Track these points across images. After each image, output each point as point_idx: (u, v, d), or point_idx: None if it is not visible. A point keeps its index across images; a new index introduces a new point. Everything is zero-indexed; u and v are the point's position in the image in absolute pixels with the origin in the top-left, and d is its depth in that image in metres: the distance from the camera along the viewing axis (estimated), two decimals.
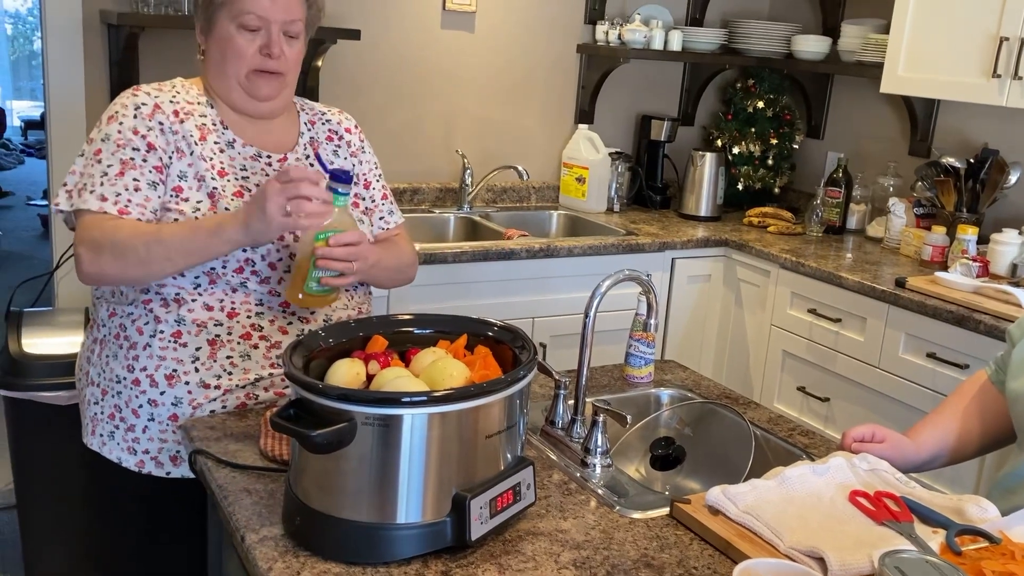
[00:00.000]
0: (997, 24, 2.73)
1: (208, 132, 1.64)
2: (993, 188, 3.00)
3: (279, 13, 1.61)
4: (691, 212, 3.57)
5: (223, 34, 1.62)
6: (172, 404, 1.60)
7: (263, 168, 1.67)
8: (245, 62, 1.62)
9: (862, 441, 1.49)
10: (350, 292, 1.74)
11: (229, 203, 1.59)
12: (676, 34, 3.52)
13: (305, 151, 1.75)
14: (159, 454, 1.64)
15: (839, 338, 2.89)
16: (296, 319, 1.65)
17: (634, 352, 1.84)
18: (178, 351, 1.59)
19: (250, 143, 1.67)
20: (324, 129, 1.80)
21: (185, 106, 1.64)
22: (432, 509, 1.16)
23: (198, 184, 1.59)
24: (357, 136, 1.85)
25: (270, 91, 1.66)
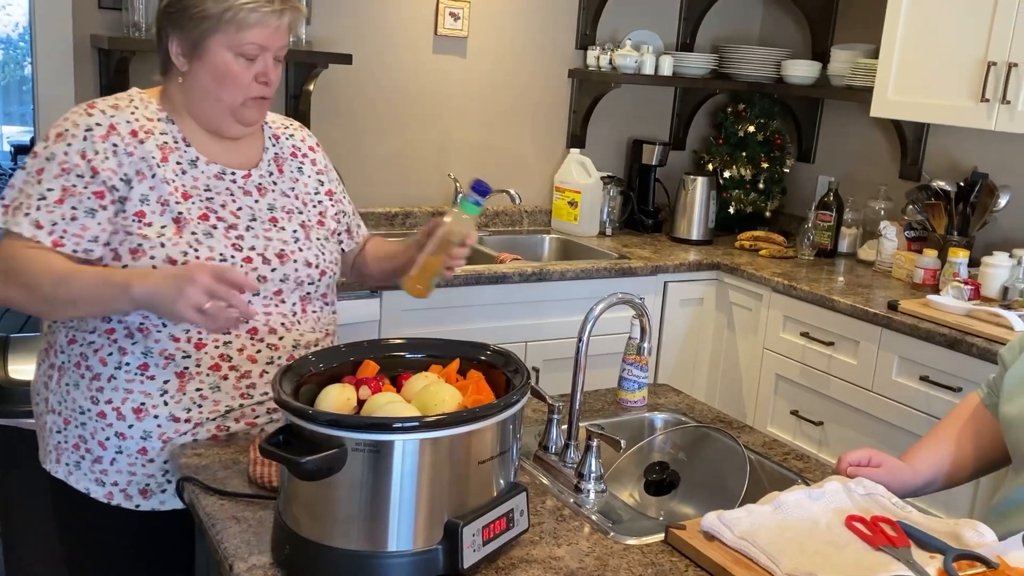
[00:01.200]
0: (985, 49, 2.76)
1: (169, 151, 1.57)
2: (983, 211, 3.01)
3: (276, 41, 1.59)
4: (683, 236, 3.58)
5: (217, 61, 1.55)
6: (141, 438, 1.55)
7: (228, 187, 1.62)
8: (242, 90, 1.58)
9: (858, 465, 1.48)
10: (316, 314, 1.70)
11: (196, 227, 1.54)
12: (667, 59, 3.53)
13: (269, 167, 1.70)
14: (128, 486, 1.58)
15: (832, 361, 2.88)
16: (265, 347, 1.60)
17: (627, 376, 1.83)
18: (145, 384, 1.54)
19: (214, 160, 1.62)
20: (288, 145, 1.76)
21: (145, 123, 1.57)
22: (424, 537, 1.14)
23: (161, 208, 1.53)
24: (321, 154, 1.82)
25: (259, 116, 1.64)
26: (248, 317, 1.41)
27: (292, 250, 1.64)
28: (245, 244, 1.58)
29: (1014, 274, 2.77)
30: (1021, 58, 2.66)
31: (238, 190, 1.63)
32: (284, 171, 1.72)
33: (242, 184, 1.64)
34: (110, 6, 2.80)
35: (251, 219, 1.62)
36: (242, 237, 1.59)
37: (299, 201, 1.71)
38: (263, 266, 1.60)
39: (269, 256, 1.61)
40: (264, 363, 1.60)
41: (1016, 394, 1.40)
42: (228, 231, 1.58)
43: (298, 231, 1.67)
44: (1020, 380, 1.41)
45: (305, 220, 1.70)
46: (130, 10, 2.73)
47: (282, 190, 1.69)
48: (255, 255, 1.59)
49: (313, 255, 1.67)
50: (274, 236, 1.63)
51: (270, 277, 1.60)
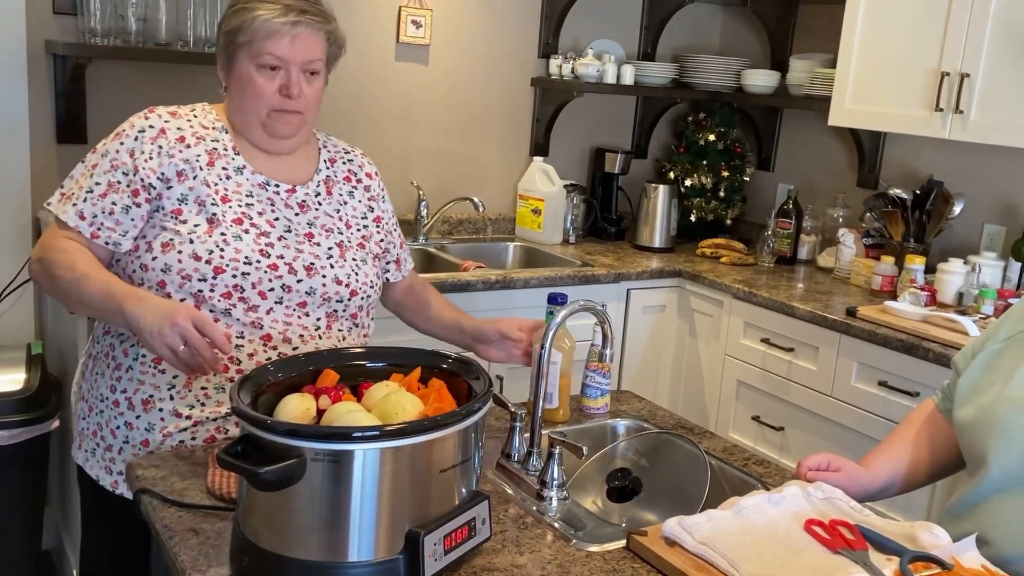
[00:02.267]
0: (938, 59, 2.81)
1: (217, 157, 1.64)
2: (939, 219, 3.07)
3: (299, 54, 1.61)
4: (645, 243, 3.60)
5: (242, 73, 1.62)
6: (145, 429, 1.60)
7: (270, 197, 1.66)
8: (264, 102, 1.62)
9: (817, 470, 1.49)
10: (342, 332, 1.71)
11: (227, 228, 1.59)
12: (628, 68, 3.56)
13: (318, 188, 1.73)
14: None
15: (792, 367, 2.92)
16: (277, 355, 1.62)
17: (590, 383, 1.84)
18: (156, 377, 1.59)
19: (260, 171, 1.68)
20: (344, 169, 1.80)
21: (200, 130, 1.65)
22: (384, 547, 1.13)
23: (198, 208, 1.60)
24: (377, 182, 1.86)
25: (289, 130, 1.66)
26: (214, 371, 1.45)
27: (323, 265, 1.66)
28: (274, 252, 1.62)
29: (969, 280, 2.82)
30: (973, 69, 2.72)
31: (280, 202, 1.67)
32: (333, 193, 1.75)
33: (284, 198, 1.68)
34: (65, 11, 2.76)
35: (286, 230, 1.65)
36: (272, 245, 1.62)
37: (342, 223, 1.74)
38: (288, 275, 1.62)
39: (297, 267, 1.63)
40: None
41: (969, 399, 1.42)
42: (259, 237, 1.61)
43: (333, 249, 1.69)
44: (973, 385, 1.43)
45: (344, 240, 1.72)
46: (86, 15, 2.69)
47: (326, 211, 1.72)
48: (282, 263, 1.61)
49: (345, 274, 1.68)
50: (306, 250, 1.65)
51: (295, 288, 1.62)
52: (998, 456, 1.33)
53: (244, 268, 1.58)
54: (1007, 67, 2.66)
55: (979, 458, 1.37)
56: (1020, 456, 1.32)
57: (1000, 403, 1.36)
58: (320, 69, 1.67)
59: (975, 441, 1.39)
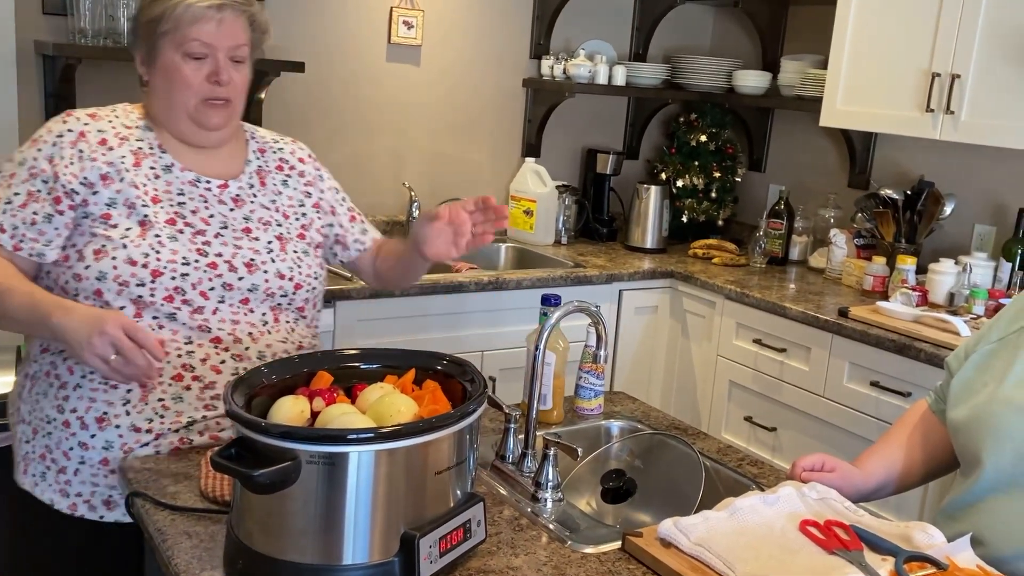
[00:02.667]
0: (929, 60, 2.82)
1: (144, 157, 1.59)
2: (930, 219, 3.08)
3: (225, 39, 1.57)
4: (637, 244, 3.60)
5: (168, 64, 1.57)
6: (103, 448, 1.54)
7: (202, 194, 1.62)
8: (193, 91, 1.57)
9: (812, 470, 1.50)
10: (290, 325, 1.69)
11: (161, 230, 1.54)
12: (620, 69, 3.56)
13: (250, 180, 1.69)
14: (91, 497, 1.57)
15: (784, 368, 2.92)
16: (230, 357, 1.58)
17: (584, 384, 1.84)
18: (108, 393, 1.53)
19: (189, 168, 1.62)
20: (275, 158, 1.75)
21: (122, 131, 1.60)
22: (380, 549, 1.13)
23: (128, 211, 1.54)
24: (312, 166, 1.81)
25: (220, 120, 1.62)
26: (149, 378, 1.41)
27: (264, 260, 1.62)
28: (211, 250, 1.57)
29: (960, 280, 2.83)
30: (964, 69, 2.73)
31: (212, 198, 1.63)
32: (267, 184, 1.71)
33: (217, 193, 1.64)
34: (55, 11, 2.75)
35: (222, 227, 1.61)
36: (209, 243, 1.58)
37: (279, 214, 1.69)
38: (229, 273, 1.58)
39: (237, 264, 1.59)
40: (229, 373, 1.58)
41: (962, 400, 1.43)
42: (195, 236, 1.57)
43: (273, 243, 1.65)
44: (966, 386, 1.44)
45: (283, 232, 1.68)
46: (75, 16, 2.67)
47: (261, 203, 1.68)
48: (221, 261, 1.58)
49: (287, 267, 1.65)
50: (245, 245, 1.61)
51: (236, 285, 1.59)
52: (992, 456, 1.34)
53: (183, 269, 1.54)
54: (998, 68, 2.67)
55: (973, 458, 1.38)
56: (1014, 456, 1.32)
57: (993, 403, 1.36)
58: (246, 56, 1.62)
59: (969, 441, 1.39)
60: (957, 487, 1.44)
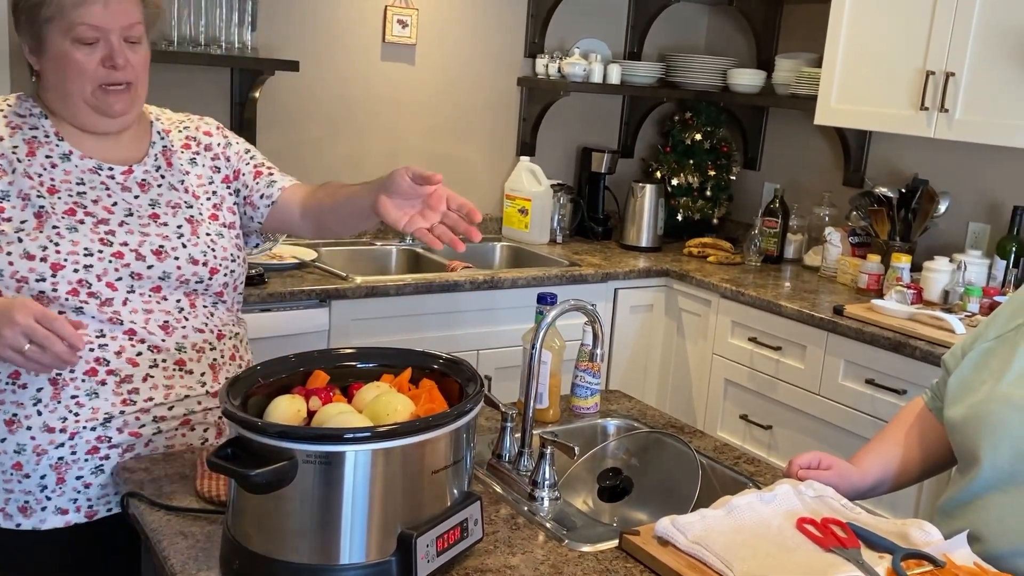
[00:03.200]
0: (923, 58, 2.82)
1: (39, 146, 1.51)
2: (924, 217, 3.08)
3: (115, 20, 1.47)
4: (632, 243, 3.60)
5: (57, 51, 1.47)
6: (15, 452, 1.46)
7: (103, 181, 1.54)
8: (88, 78, 1.48)
9: (808, 468, 1.50)
10: (208, 309, 1.60)
11: (59, 221, 1.47)
12: (615, 68, 3.56)
13: (156, 162, 1.61)
14: (6, 505, 1.49)
15: (780, 366, 2.92)
16: (146, 348, 1.51)
17: (580, 383, 1.83)
18: (17, 393, 1.45)
19: (89, 155, 1.54)
20: (181, 137, 1.66)
21: (14, 119, 1.52)
22: (376, 549, 1.13)
23: (22, 203, 1.46)
24: (219, 136, 1.71)
25: (122, 106, 1.53)
26: (69, 365, 1.35)
27: (174, 246, 1.55)
28: (116, 239, 1.50)
29: (954, 278, 2.84)
30: (958, 67, 2.73)
31: (115, 185, 1.55)
32: (173, 164, 1.63)
33: (121, 180, 1.56)
34: None
35: (127, 214, 1.53)
36: (113, 232, 1.50)
37: (189, 195, 1.62)
38: (136, 262, 1.51)
39: (144, 252, 1.51)
40: (147, 366, 1.51)
41: (960, 398, 1.43)
42: (97, 226, 1.49)
43: (183, 226, 1.57)
44: (963, 384, 1.44)
45: (193, 215, 1.60)
46: None
47: (170, 183, 1.60)
48: (127, 251, 1.50)
49: (200, 252, 1.57)
50: (152, 232, 1.54)
51: (146, 274, 1.51)
52: (989, 454, 1.34)
53: (85, 260, 1.46)
54: (992, 66, 2.67)
55: (971, 456, 1.38)
56: (1012, 454, 1.32)
57: (991, 401, 1.36)
58: (141, 35, 1.53)
59: (966, 439, 1.39)
60: (954, 485, 1.44)
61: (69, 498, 1.49)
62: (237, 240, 1.67)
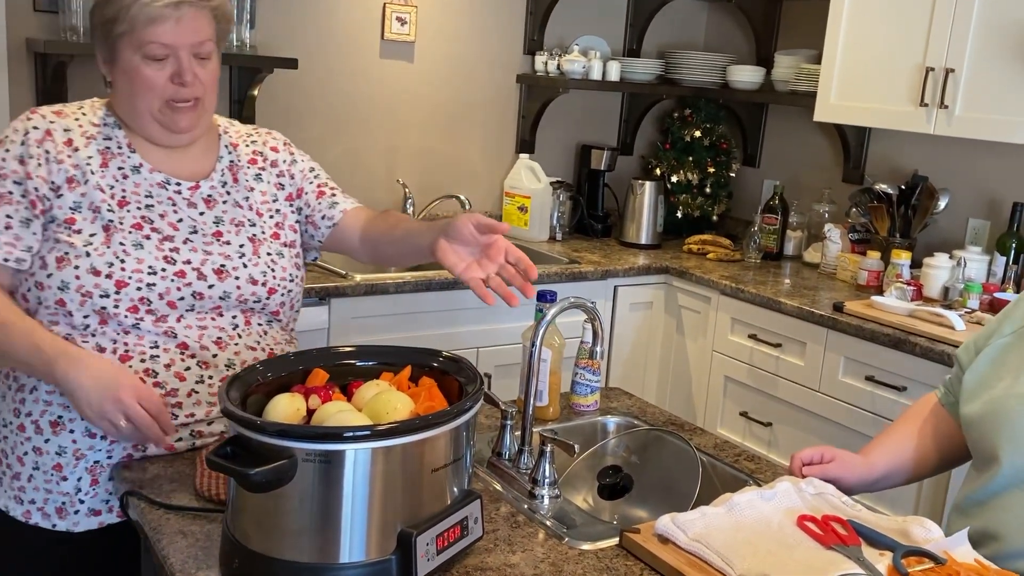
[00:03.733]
0: (923, 55, 2.82)
1: (111, 157, 1.52)
2: (924, 213, 3.08)
3: (186, 37, 1.47)
4: (632, 240, 3.60)
5: (128, 66, 1.48)
6: (56, 454, 1.48)
7: (171, 197, 1.55)
8: (156, 94, 1.49)
9: (810, 464, 1.49)
10: (263, 328, 1.61)
11: (126, 236, 1.48)
12: (614, 65, 3.56)
13: (223, 177, 1.62)
14: (45, 504, 1.51)
15: (780, 363, 2.92)
16: (195, 364, 1.52)
17: (580, 380, 1.83)
18: (64, 397, 1.44)
19: (158, 168, 1.55)
20: (248, 151, 1.67)
21: (89, 128, 1.53)
22: (376, 547, 1.12)
23: (92, 216, 1.48)
24: (285, 153, 1.72)
25: (188, 122, 1.54)
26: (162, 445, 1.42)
27: (235, 266, 1.56)
28: (179, 257, 1.51)
29: (954, 275, 2.84)
30: (958, 64, 2.73)
31: (182, 201, 1.56)
32: (239, 180, 1.64)
33: (188, 196, 1.57)
34: (46, 9, 2.73)
35: (191, 231, 1.54)
36: (177, 249, 1.51)
37: (253, 212, 1.63)
38: (198, 282, 1.52)
39: (206, 272, 1.52)
40: (193, 381, 1.52)
41: (976, 395, 1.41)
42: (162, 242, 1.51)
43: (245, 246, 1.58)
44: (979, 381, 1.42)
45: (256, 234, 1.61)
46: (67, 13, 2.66)
47: (235, 200, 1.61)
48: (190, 269, 1.51)
49: (260, 272, 1.58)
50: (215, 251, 1.55)
51: (207, 294, 1.52)
52: (1009, 452, 1.32)
53: (149, 279, 1.47)
54: (992, 62, 2.67)
55: (989, 454, 1.36)
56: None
57: (1010, 398, 1.34)
58: (212, 51, 1.53)
59: (984, 436, 1.38)
60: (971, 482, 1.42)
61: (102, 499, 1.51)
62: (296, 259, 1.68)
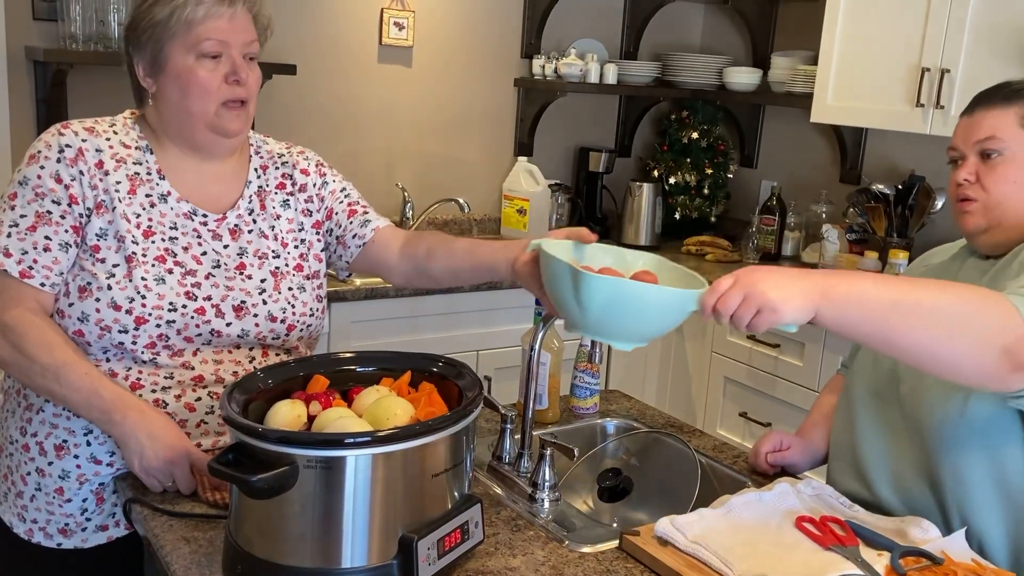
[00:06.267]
0: (919, 55, 2.83)
1: (140, 183, 1.48)
2: (921, 213, 3.09)
3: (238, 35, 1.46)
4: (630, 242, 3.61)
5: (180, 68, 1.44)
6: (59, 477, 1.47)
7: (196, 228, 1.51)
8: (213, 95, 1.46)
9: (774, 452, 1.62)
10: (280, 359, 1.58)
11: (148, 270, 1.45)
12: (611, 67, 3.57)
13: (249, 204, 1.57)
14: (47, 525, 1.50)
15: (778, 363, 2.93)
16: (207, 395, 1.49)
17: (579, 383, 1.84)
18: (71, 421, 1.45)
19: (186, 197, 1.52)
20: (277, 175, 1.63)
21: (120, 151, 1.48)
22: (378, 552, 1.13)
23: (117, 244, 1.44)
24: (315, 176, 1.67)
25: (238, 125, 1.50)
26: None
27: (255, 303, 1.52)
28: (200, 293, 1.48)
29: None
30: (953, 64, 2.74)
31: (207, 233, 1.52)
32: (267, 207, 1.59)
33: (213, 227, 1.53)
34: (45, 17, 2.74)
35: (214, 265, 1.51)
36: (199, 285, 1.48)
37: (278, 243, 1.58)
38: (216, 319, 1.48)
39: (225, 309, 1.49)
40: (203, 412, 1.50)
41: None
42: (184, 277, 1.47)
43: (267, 280, 1.54)
44: None
45: (279, 266, 1.57)
46: (66, 21, 2.67)
47: (260, 230, 1.57)
48: (209, 306, 1.48)
49: (280, 308, 1.54)
50: (236, 286, 1.51)
51: (225, 332, 1.50)
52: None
53: (169, 316, 1.44)
54: (987, 62, 2.68)
55: None
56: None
57: None
58: (257, 53, 1.52)
59: None
60: None
61: (108, 514, 1.50)
62: (318, 291, 1.64)
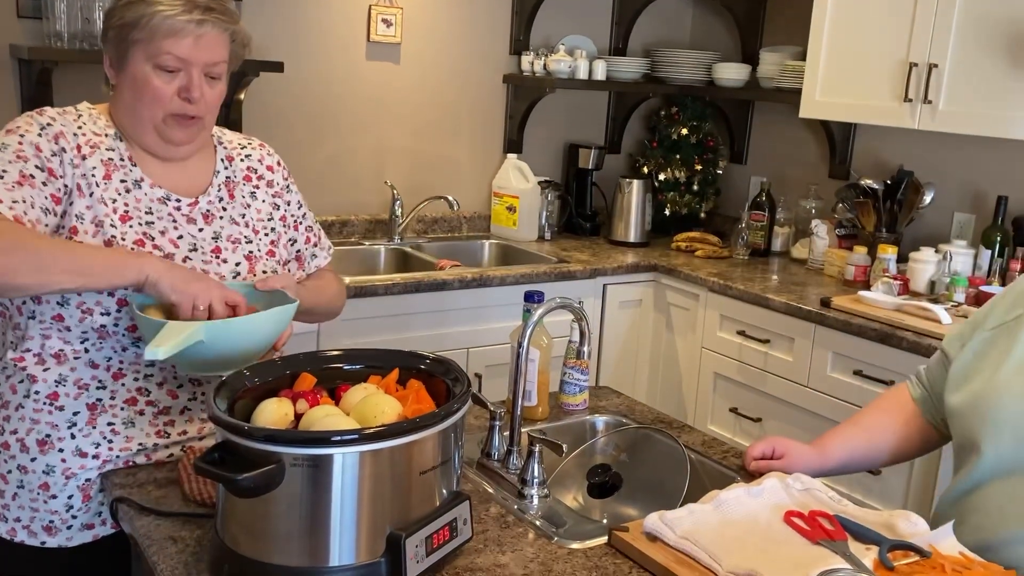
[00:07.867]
0: (906, 50, 2.84)
1: (114, 169, 1.49)
2: (910, 208, 3.10)
3: (202, 55, 1.46)
4: (620, 238, 3.61)
5: (137, 73, 1.45)
6: (43, 472, 1.46)
7: (171, 213, 1.52)
8: (161, 106, 1.46)
9: (763, 458, 1.56)
10: None
11: None
12: (600, 64, 3.56)
13: (219, 192, 1.59)
14: (31, 523, 1.49)
15: (768, 358, 2.94)
16: (188, 382, 1.51)
17: (568, 380, 1.84)
18: (53, 415, 1.45)
19: (158, 183, 1.53)
20: (243, 167, 1.65)
21: (92, 138, 1.48)
22: (366, 550, 1.13)
23: (95, 229, 1.44)
24: (280, 174, 1.70)
25: (186, 136, 1.51)
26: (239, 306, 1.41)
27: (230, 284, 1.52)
28: None
29: (940, 269, 2.85)
30: (941, 59, 2.74)
31: (181, 217, 1.53)
32: (235, 196, 1.61)
33: (187, 212, 1.54)
34: (29, 15, 2.73)
35: (191, 249, 1.52)
36: None
37: (249, 229, 1.61)
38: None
39: None
40: (186, 399, 1.52)
41: (959, 386, 1.44)
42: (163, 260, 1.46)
43: (241, 264, 1.57)
44: (963, 372, 1.45)
45: (253, 251, 1.60)
46: (51, 19, 2.65)
47: (231, 217, 1.59)
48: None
49: None
50: (212, 269, 1.53)
51: None
52: (989, 441, 1.35)
53: None
54: (974, 57, 2.68)
55: (971, 444, 1.39)
56: (1013, 441, 1.33)
57: (991, 389, 1.37)
58: (223, 73, 1.52)
59: (967, 427, 1.40)
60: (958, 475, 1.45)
61: (95, 512, 1.50)
62: (299, 272, 1.68)
